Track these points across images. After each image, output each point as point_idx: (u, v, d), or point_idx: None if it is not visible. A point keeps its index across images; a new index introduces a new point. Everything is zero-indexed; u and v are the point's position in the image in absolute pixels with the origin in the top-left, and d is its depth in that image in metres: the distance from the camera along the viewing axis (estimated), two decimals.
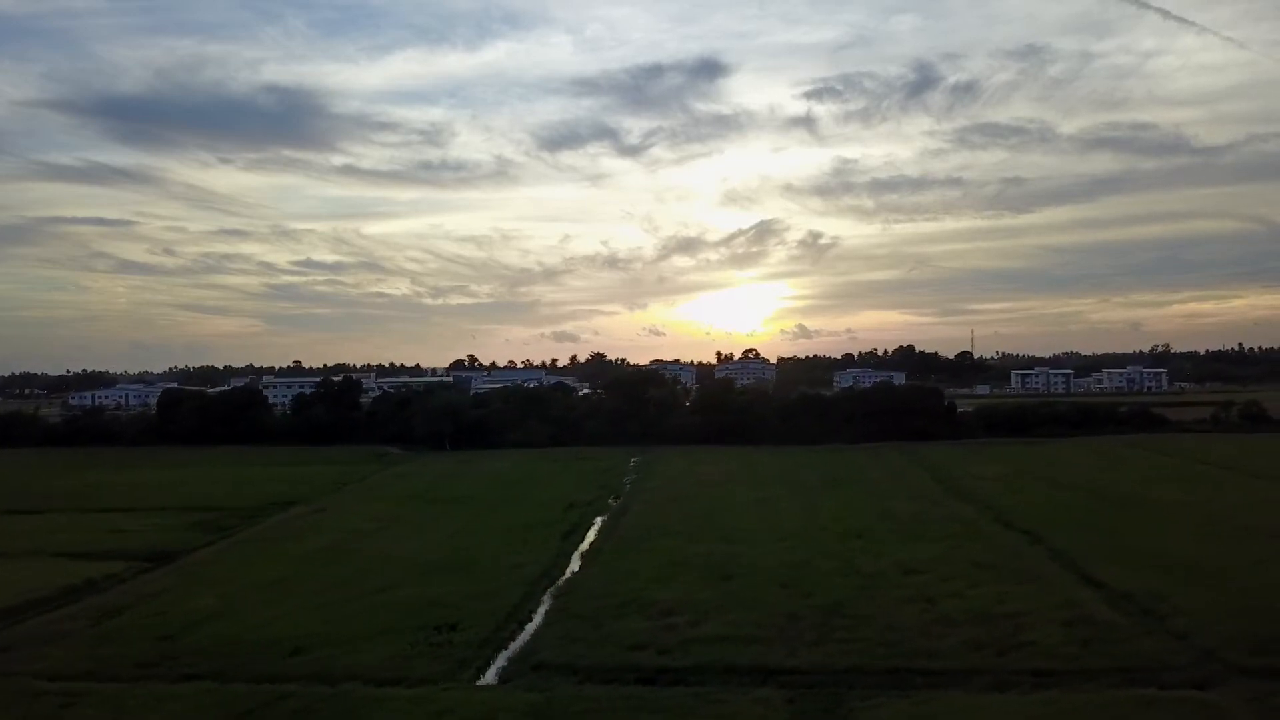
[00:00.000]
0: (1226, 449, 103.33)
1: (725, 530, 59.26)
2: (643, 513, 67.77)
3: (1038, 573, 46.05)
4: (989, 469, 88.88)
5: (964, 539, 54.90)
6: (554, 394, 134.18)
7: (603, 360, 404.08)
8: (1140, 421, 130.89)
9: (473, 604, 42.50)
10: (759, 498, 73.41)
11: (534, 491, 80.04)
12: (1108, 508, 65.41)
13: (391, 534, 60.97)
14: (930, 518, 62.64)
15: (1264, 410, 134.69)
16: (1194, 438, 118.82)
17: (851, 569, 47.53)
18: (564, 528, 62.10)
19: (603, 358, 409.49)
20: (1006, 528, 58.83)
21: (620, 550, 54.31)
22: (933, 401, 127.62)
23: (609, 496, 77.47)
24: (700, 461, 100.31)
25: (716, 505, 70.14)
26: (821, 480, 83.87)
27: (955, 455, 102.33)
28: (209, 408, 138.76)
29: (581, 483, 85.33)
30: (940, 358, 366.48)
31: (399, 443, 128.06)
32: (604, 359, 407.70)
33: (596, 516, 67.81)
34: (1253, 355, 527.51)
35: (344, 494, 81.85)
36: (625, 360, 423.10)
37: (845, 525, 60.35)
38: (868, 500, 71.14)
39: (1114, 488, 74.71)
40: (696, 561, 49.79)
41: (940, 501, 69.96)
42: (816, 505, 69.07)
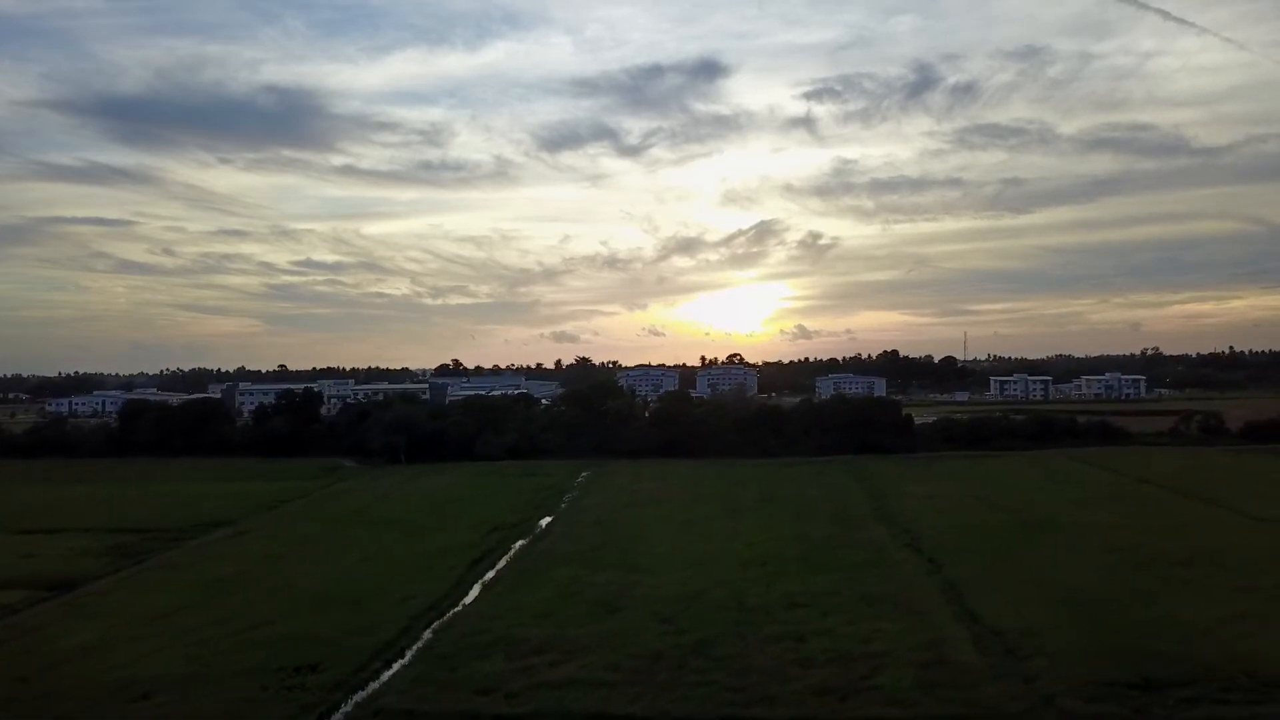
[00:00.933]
0: (1175, 464, 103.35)
1: (636, 557, 59.16)
2: (562, 536, 67.73)
3: (921, 607, 45.98)
4: (927, 487, 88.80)
5: (866, 567, 54.84)
6: (514, 405, 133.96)
7: (587, 365, 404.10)
8: (1099, 434, 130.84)
9: (346, 641, 42.43)
10: (686, 519, 73.32)
11: (467, 511, 79.91)
12: (1026, 531, 65.39)
13: (301, 560, 60.84)
14: (843, 543, 62.56)
15: (1223, 422, 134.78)
16: (1148, 452, 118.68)
17: (738, 602, 47.47)
18: (478, 553, 61.96)
19: (587, 362, 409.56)
20: (915, 554, 58.80)
21: (519, 580, 54.25)
22: (890, 414, 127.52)
23: (540, 517, 77.28)
24: (645, 478, 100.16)
25: (641, 528, 70.05)
26: (757, 499, 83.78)
27: (901, 471, 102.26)
28: (170, 419, 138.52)
29: (519, 501, 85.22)
30: (924, 363, 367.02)
31: (358, 455, 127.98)
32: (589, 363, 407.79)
33: (518, 540, 67.61)
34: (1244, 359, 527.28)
35: (277, 513, 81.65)
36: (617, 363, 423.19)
37: (756, 551, 60.29)
38: (792, 523, 70.98)
39: (1042, 509, 74.63)
40: (589, 593, 49.74)
41: (862, 524, 69.83)
42: (739, 529, 68.93)
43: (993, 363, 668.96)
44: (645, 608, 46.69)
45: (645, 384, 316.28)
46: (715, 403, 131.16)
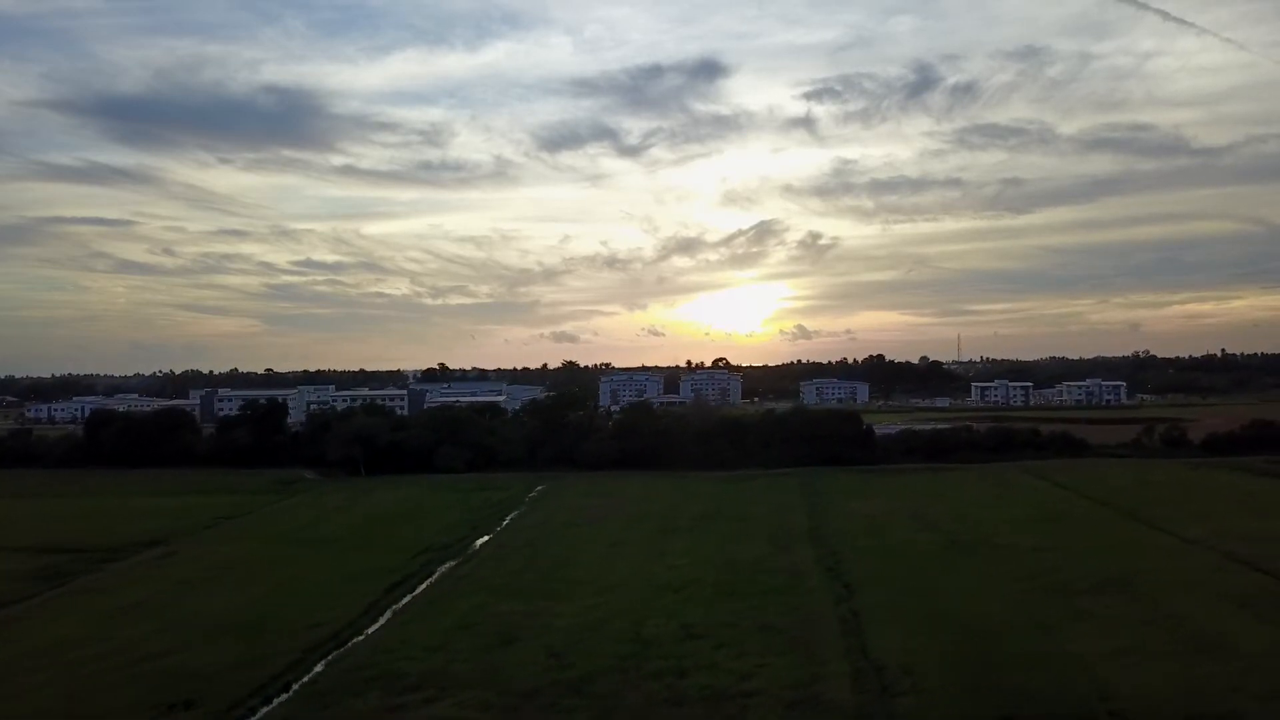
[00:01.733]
0: (1126, 479, 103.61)
1: (553, 582, 59.17)
2: (487, 560, 67.78)
3: (815, 640, 45.94)
4: (872, 504, 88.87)
5: (777, 595, 54.83)
6: (476, 416, 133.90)
7: (574, 368, 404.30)
8: (1060, 446, 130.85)
9: (232, 675, 42.36)
10: (618, 540, 73.34)
11: (405, 530, 79.87)
12: (950, 555, 65.46)
13: (219, 585, 60.75)
14: (766, 567, 62.58)
15: (1185, 434, 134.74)
16: (1106, 465, 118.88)
17: (636, 633, 47.43)
18: (399, 577, 61.86)
19: (574, 365, 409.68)
20: (831, 580, 58.76)
21: (427, 608, 54.26)
22: (851, 426, 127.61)
23: (476, 537, 77.20)
24: (597, 493, 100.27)
25: (570, 550, 70.09)
26: (698, 516, 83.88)
27: (853, 485, 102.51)
28: (134, 430, 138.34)
29: (462, 519, 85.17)
30: (911, 367, 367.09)
31: (319, 466, 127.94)
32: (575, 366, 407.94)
33: (446, 563, 67.46)
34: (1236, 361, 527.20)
35: (215, 532, 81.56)
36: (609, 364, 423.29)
37: (676, 576, 60.30)
38: (723, 544, 71.01)
39: (977, 528, 74.76)
40: (490, 624, 49.72)
41: (793, 545, 69.82)
42: (667, 550, 68.99)
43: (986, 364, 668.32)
44: (541, 639, 46.67)
45: (629, 389, 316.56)
46: (677, 415, 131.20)
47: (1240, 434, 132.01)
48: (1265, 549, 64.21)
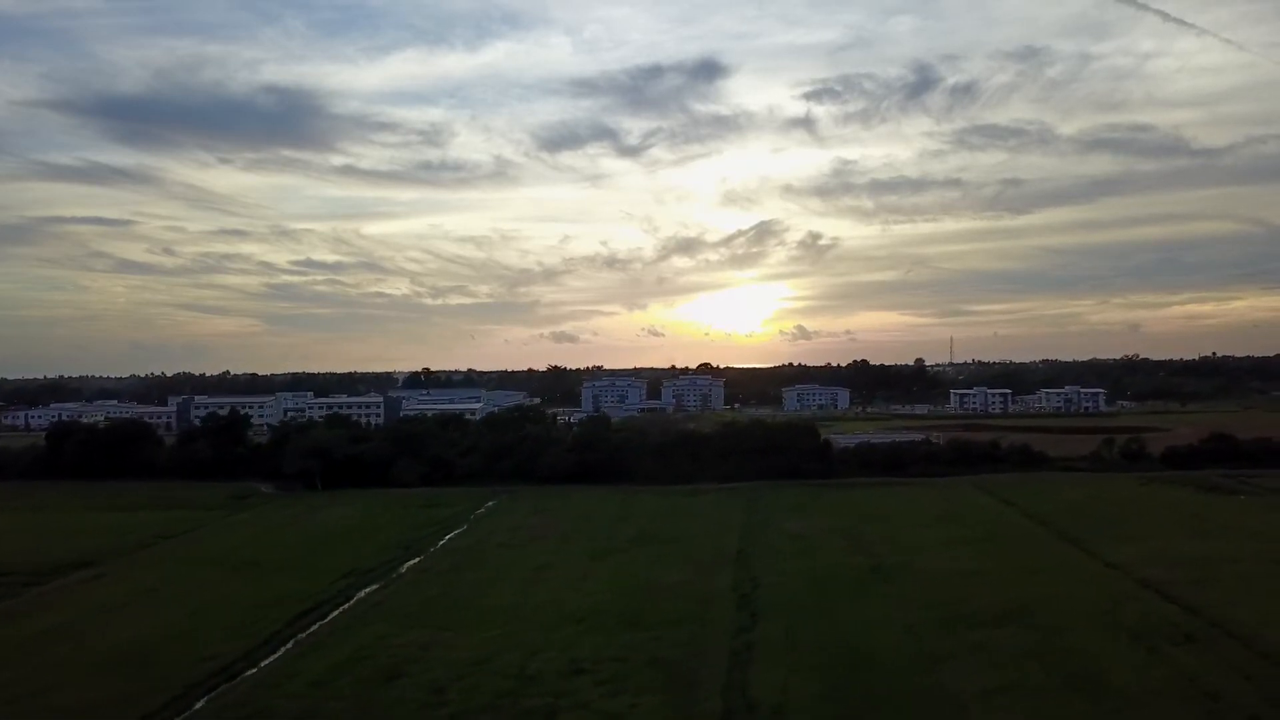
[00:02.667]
0: (1074, 495, 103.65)
1: (461, 611, 59.21)
2: (406, 584, 67.85)
3: (700, 676, 45.94)
4: (810, 522, 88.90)
5: (680, 625, 54.82)
6: (436, 429, 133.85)
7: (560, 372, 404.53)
8: (1019, 459, 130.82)
9: (107, 711, 42.43)
10: (546, 563, 73.31)
11: (338, 551, 79.80)
12: (868, 580, 65.47)
13: (131, 612, 60.74)
14: (681, 593, 62.56)
15: (1144, 447, 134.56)
16: (1060, 480, 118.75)
17: (522, 668, 47.41)
18: (313, 603, 61.91)
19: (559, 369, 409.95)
20: (740, 608, 58.71)
21: (328, 638, 54.28)
22: (807, 440, 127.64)
23: (407, 559, 77.14)
24: (541, 510, 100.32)
25: (495, 574, 70.11)
26: (634, 536, 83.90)
27: (799, 501, 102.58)
28: (95, 442, 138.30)
29: (398, 539, 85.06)
30: (895, 371, 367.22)
31: (279, 479, 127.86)
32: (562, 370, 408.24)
33: (367, 587, 67.43)
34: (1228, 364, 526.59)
35: (150, 552, 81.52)
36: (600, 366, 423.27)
37: (587, 603, 60.34)
38: (648, 567, 71.06)
39: (905, 550, 74.77)
40: (382, 657, 49.73)
41: (717, 569, 69.85)
42: (589, 575, 69.04)
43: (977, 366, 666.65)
44: (428, 674, 46.73)
45: (611, 394, 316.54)
46: (635, 428, 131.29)
47: (1199, 447, 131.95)
48: (1183, 574, 64.41)
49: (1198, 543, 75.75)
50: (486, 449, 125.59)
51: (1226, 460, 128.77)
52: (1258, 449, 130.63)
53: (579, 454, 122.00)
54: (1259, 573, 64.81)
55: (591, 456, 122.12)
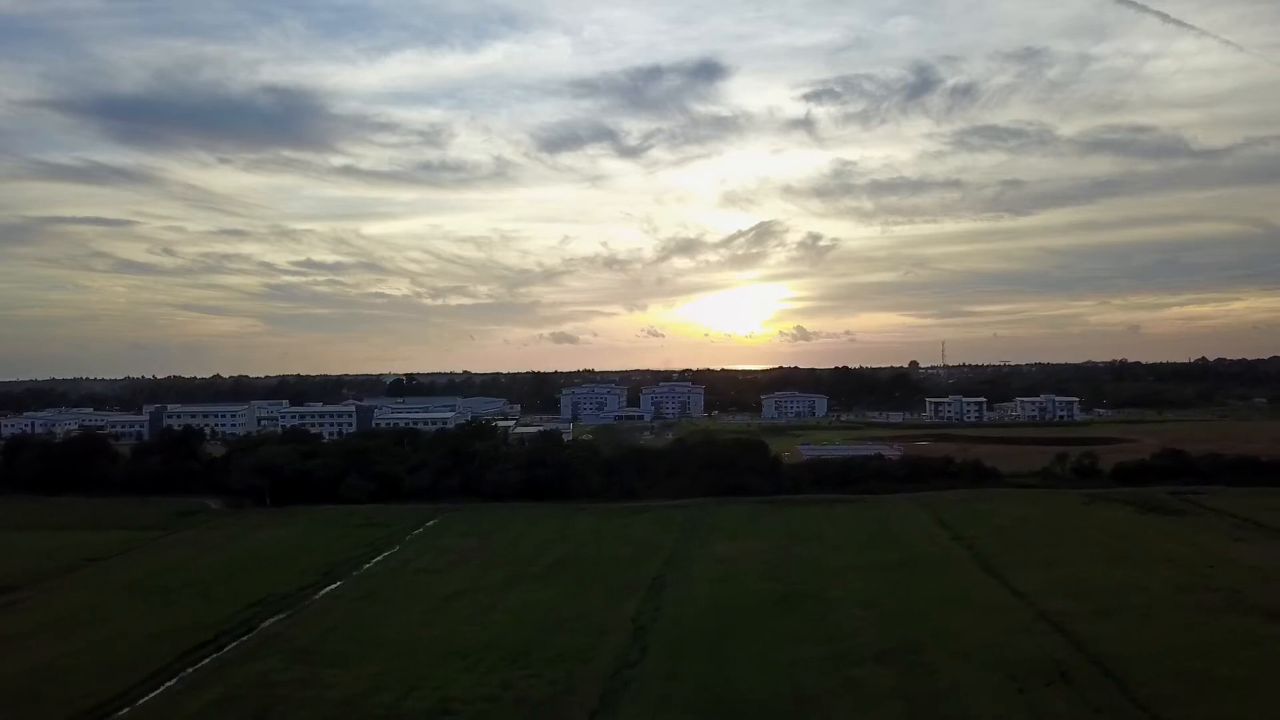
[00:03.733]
0: (1011, 515, 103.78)
1: (355, 645, 59.20)
2: (315, 613, 67.92)
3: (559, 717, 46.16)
4: (740, 545, 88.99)
5: (565, 661, 54.85)
6: (387, 445, 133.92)
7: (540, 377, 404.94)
8: (970, 476, 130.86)
9: None
10: (460, 590, 73.40)
11: (261, 575, 79.77)
12: (771, 612, 65.30)
13: (33, 644, 60.34)
14: (581, 625, 62.63)
15: (1095, 463, 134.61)
16: (1005, 497, 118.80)
17: (396, 707, 47.52)
18: (212, 634, 61.91)
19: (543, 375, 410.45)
20: (634, 642, 58.62)
21: (209, 675, 54.21)
22: (757, 456, 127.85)
23: (326, 584, 77.22)
24: (476, 531, 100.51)
25: (404, 603, 70.19)
26: (558, 560, 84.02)
27: (736, 521, 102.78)
28: (50, 455, 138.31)
29: (323, 562, 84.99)
30: (876, 378, 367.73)
31: (230, 495, 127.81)
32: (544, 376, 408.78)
33: (273, 616, 67.37)
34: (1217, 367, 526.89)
35: (74, 577, 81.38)
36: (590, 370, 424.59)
37: (484, 636, 60.39)
38: (561, 595, 71.15)
39: (822, 577, 74.86)
40: (256, 695, 49.77)
41: (627, 597, 69.84)
42: (500, 604, 69.13)
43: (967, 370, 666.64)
44: (297, 715, 46.81)
45: (589, 401, 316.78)
46: (586, 444, 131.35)
47: (1151, 463, 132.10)
48: (1089, 604, 64.74)
49: (1116, 569, 76.00)
50: (435, 465, 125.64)
51: (1178, 476, 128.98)
52: (1209, 465, 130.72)
53: (527, 471, 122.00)
54: (1163, 604, 64.98)
55: (540, 473, 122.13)
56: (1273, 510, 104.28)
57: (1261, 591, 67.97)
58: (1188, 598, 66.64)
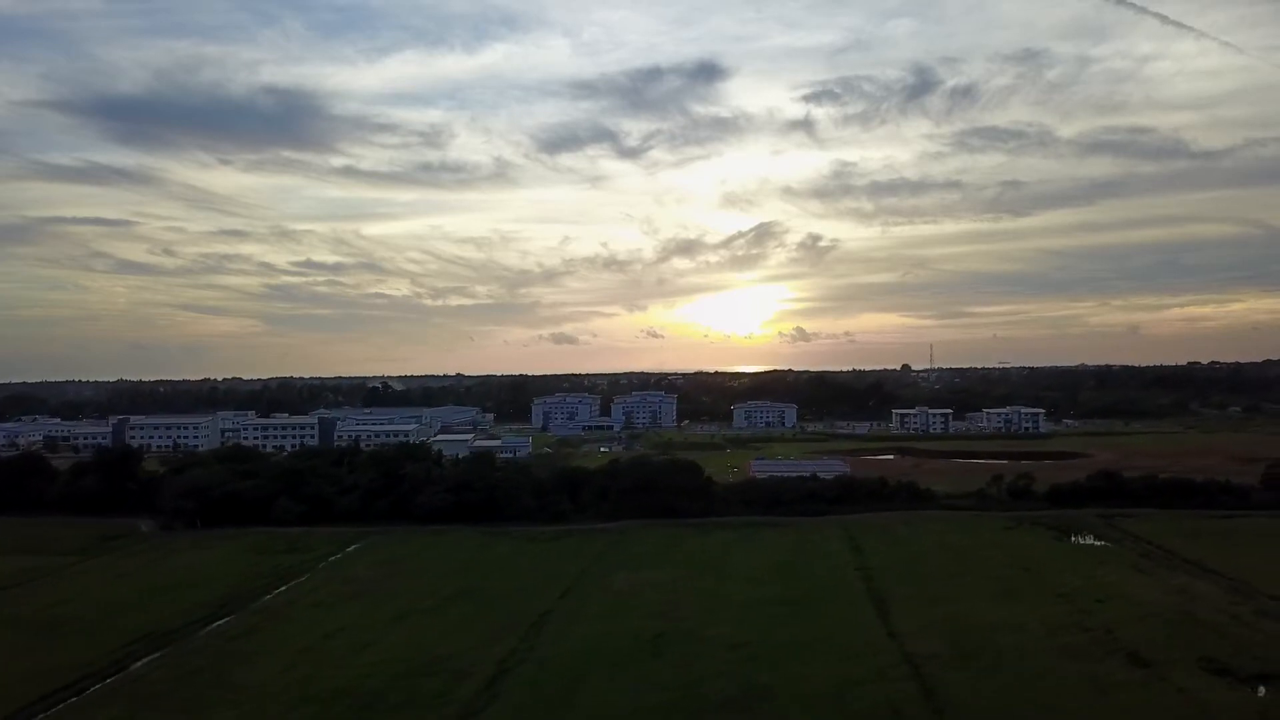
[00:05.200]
0: (929, 541, 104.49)
1: (214, 688, 59.38)
2: (189, 653, 67.95)
3: None
4: (646, 575, 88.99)
5: (412, 708, 55.08)
6: (321, 466, 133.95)
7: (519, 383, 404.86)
8: (904, 497, 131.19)
9: None
10: (345, 626, 73.52)
11: (156, 607, 79.84)
12: (643, 653, 65.39)
13: None
14: (447, 667, 62.70)
15: (1030, 485, 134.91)
16: (933, 520, 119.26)
17: None
18: (81, 674, 62.07)
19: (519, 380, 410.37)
20: (487, 689, 58.75)
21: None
22: (689, 478, 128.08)
23: (219, 617, 77.37)
24: (392, 558, 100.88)
25: (282, 640, 70.31)
26: (457, 591, 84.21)
27: (654, 547, 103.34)
28: None
29: (227, 592, 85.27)
30: (849, 388, 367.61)
31: (164, 516, 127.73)
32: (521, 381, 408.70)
33: (149, 655, 67.45)
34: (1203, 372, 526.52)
35: None
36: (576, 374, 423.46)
37: (342, 680, 60.48)
38: (442, 633, 71.29)
39: (705, 615, 74.90)
40: None
41: (503, 636, 69.75)
42: (380, 641, 69.42)
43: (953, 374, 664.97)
44: None
45: (560, 411, 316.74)
46: (517, 466, 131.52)
47: (1084, 486, 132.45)
48: (957, 646, 65.16)
49: (1001, 606, 76.36)
50: (367, 487, 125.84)
51: (1111, 499, 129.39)
52: (1142, 487, 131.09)
53: (456, 494, 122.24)
54: (1030, 647, 65.22)
55: (469, 496, 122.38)
56: (1190, 536, 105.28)
57: (1135, 631, 68.43)
58: (1058, 639, 66.98)
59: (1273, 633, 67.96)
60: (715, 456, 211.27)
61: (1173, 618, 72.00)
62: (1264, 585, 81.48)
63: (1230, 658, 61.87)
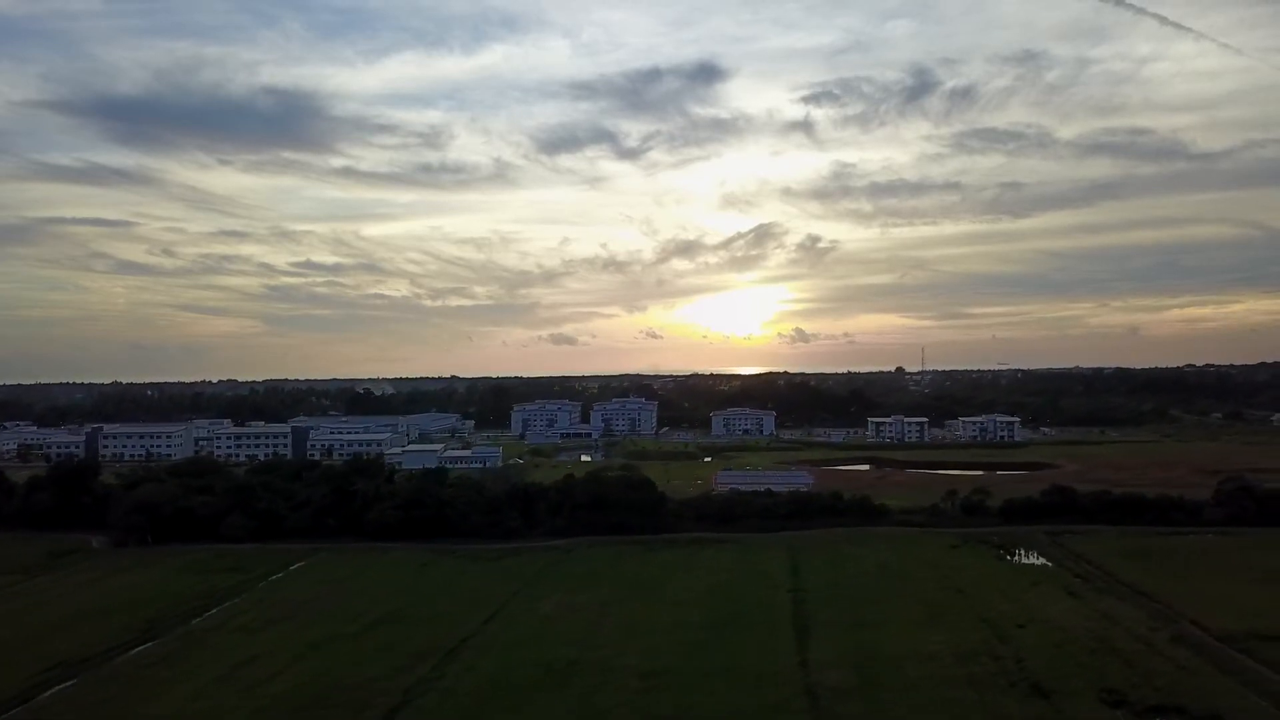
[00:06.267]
0: (872, 561, 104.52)
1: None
2: (102, 680, 68.01)
3: None
4: (573, 599, 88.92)
5: None
6: (273, 482, 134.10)
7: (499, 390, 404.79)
8: (857, 514, 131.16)
9: None
10: (258, 654, 73.39)
11: (82, 630, 80.00)
12: (537, 686, 65.15)
13: None
14: (347, 701, 62.56)
15: (984, 501, 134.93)
16: (877, 537, 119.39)
17: None
18: None
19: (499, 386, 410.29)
20: (354, 714, 59.14)
21: None
22: (640, 494, 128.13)
23: (139, 643, 77.34)
24: (331, 578, 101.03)
25: (195, 670, 70.28)
26: (383, 615, 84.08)
27: (594, 567, 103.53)
28: None
29: (157, 613, 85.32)
30: (829, 396, 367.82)
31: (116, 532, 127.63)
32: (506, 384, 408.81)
33: (67, 683, 67.56)
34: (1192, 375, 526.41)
35: None
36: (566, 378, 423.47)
37: (242, 712, 60.67)
38: (355, 661, 71.23)
39: (622, 641, 74.93)
40: None
41: (416, 665, 69.63)
42: (289, 670, 69.41)
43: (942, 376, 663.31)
44: None
45: (540, 418, 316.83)
46: (469, 483, 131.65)
47: (1037, 502, 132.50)
48: (859, 679, 65.45)
49: (922, 631, 76.50)
50: (318, 504, 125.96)
51: (1063, 515, 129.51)
52: (1093, 504, 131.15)
53: (406, 511, 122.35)
54: (934, 679, 65.24)
55: (419, 514, 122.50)
56: (1131, 555, 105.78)
57: (1046, 659, 68.58)
58: (966, 668, 67.11)
59: (1181, 661, 68.19)
60: (685, 466, 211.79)
61: (1088, 644, 72.19)
62: (1189, 608, 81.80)
63: (1132, 688, 62.16)
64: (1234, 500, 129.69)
